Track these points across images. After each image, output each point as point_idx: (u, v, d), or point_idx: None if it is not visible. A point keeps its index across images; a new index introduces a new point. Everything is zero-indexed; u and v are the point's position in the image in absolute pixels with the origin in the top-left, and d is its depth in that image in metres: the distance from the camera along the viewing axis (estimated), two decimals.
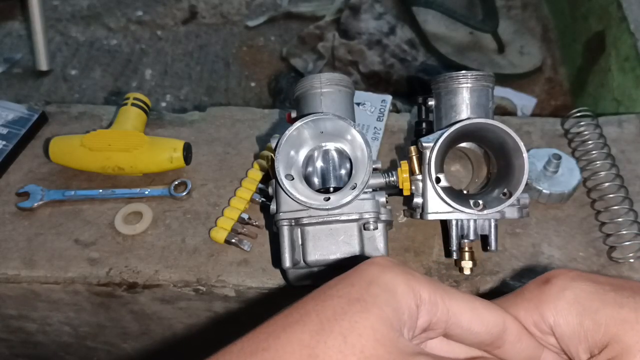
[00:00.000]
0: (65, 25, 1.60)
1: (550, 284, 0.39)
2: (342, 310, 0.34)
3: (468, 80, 0.58)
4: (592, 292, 0.38)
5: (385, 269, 0.36)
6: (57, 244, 0.66)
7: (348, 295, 0.35)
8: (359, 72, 1.39)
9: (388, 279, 0.35)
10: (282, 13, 1.59)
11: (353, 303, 0.34)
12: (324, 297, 0.35)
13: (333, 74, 0.58)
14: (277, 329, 0.34)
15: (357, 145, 0.55)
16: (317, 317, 0.34)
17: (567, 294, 0.38)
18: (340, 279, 0.37)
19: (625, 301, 0.37)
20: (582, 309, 0.37)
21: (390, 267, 0.36)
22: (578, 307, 0.38)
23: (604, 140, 0.71)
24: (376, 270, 0.36)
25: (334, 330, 0.33)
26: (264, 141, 0.75)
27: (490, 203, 0.56)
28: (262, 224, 0.67)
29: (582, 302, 0.38)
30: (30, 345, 0.78)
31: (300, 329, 0.33)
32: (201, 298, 0.64)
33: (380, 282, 0.35)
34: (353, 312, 0.33)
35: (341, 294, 0.35)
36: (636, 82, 0.94)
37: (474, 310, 0.36)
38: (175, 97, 1.42)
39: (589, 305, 0.38)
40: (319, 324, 0.33)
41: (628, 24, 0.98)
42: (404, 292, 0.35)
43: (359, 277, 0.36)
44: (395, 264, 0.37)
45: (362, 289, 0.35)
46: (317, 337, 0.33)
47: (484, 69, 1.33)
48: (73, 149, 0.70)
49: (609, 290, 0.38)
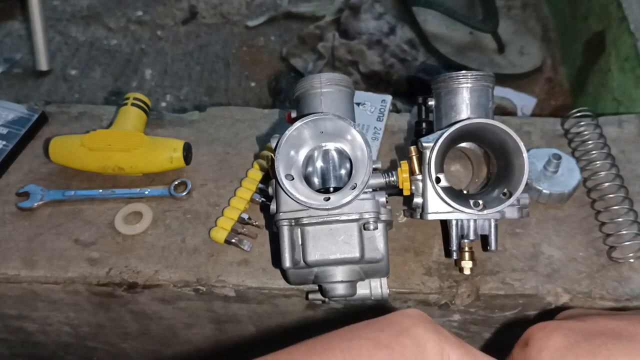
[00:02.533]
0: (65, 25, 1.60)
1: (529, 346, 0.43)
2: (369, 353, 0.34)
3: (468, 80, 0.58)
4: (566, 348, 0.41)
5: (418, 323, 0.37)
6: (57, 244, 0.66)
7: (376, 339, 0.35)
8: (359, 72, 1.39)
9: (420, 333, 0.36)
10: (282, 13, 1.59)
11: (380, 348, 0.34)
12: (351, 336, 0.35)
13: (333, 74, 0.58)
14: (298, 357, 0.34)
15: (357, 145, 0.55)
16: (341, 354, 0.33)
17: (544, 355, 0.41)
18: (370, 323, 0.37)
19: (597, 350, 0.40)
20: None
21: (423, 322, 0.37)
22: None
23: (604, 140, 0.71)
24: (409, 322, 0.36)
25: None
26: (264, 141, 0.75)
27: (490, 203, 0.56)
28: (262, 224, 0.67)
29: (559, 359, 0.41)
30: (30, 345, 0.78)
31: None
32: (201, 298, 0.64)
33: (411, 334, 0.35)
34: (378, 357, 0.33)
35: (369, 337, 0.35)
36: (636, 82, 0.94)
37: None
38: (175, 97, 1.42)
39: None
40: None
41: (628, 24, 0.98)
42: (433, 350, 0.35)
43: (389, 325, 0.36)
44: (428, 319, 0.38)
45: (392, 337, 0.35)
46: None
47: (484, 69, 1.33)
48: (73, 149, 0.70)
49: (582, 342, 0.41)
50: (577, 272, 0.62)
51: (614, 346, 0.40)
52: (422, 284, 0.61)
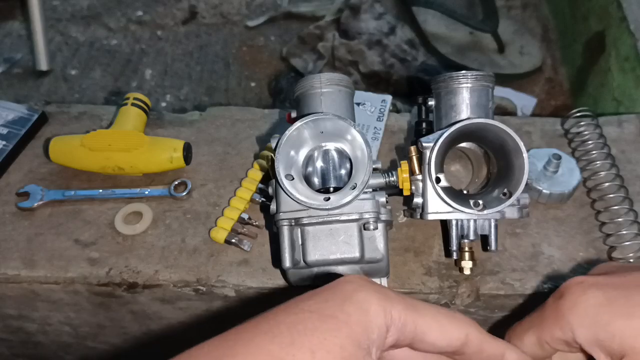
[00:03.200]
0: (65, 25, 1.60)
1: (563, 299, 0.42)
2: (313, 326, 0.34)
3: (468, 80, 0.58)
4: (602, 305, 0.40)
5: (360, 287, 0.37)
6: (57, 244, 0.66)
7: (321, 311, 0.35)
8: (359, 72, 1.39)
9: (362, 297, 0.36)
10: (282, 13, 1.59)
11: (325, 319, 0.35)
12: (297, 310, 0.36)
13: (333, 74, 0.58)
14: (245, 337, 0.34)
15: (357, 145, 0.55)
16: (287, 330, 0.34)
17: (579, 309, 0.40)
18: (314, 294, 0.37)
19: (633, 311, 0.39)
20: (594, 322, 0.40)
21: (365, 286, 0.37)
22: (589, 320, 0.40)
23: (604, 140, 0.71)
24: (351, 289, 0.37)
25: (304, 345, 0.33)
26: (264, 141, 0.75)
27: (490, 203, 0.56)
28: (262, 224, 0.67)
29: (593, 316, 0.40)
30: (30, 345, 0.78)
31: (270, 340, 0.34)
32: (201, 298, 0.64)
33: (354, 300, 0.36)
34: (324, 329, 0.34)
35: (313, 309, 0.35)
36: (636, 82, 0.94)
37: (440, 327, 0.38)
38: (175, 97, 1.42)
39: (599, 319, 0.39)
40: (289, 336, 0.34)
41: (628, 24, 0.98)
42: (376, 312, 0.36)
43: (332, 294, 0.37)
44: (369, 282, 0.38)
45: (336, 306, 0.36)
46: (286, 350, 0.33)
47: (484, 69, 1.33)
48: (73, 149, 0.70)
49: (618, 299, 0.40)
50: (577, 272, 0.62)
51: None
52: (422, 284, 0.61)
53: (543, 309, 0.44)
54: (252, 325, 0.35)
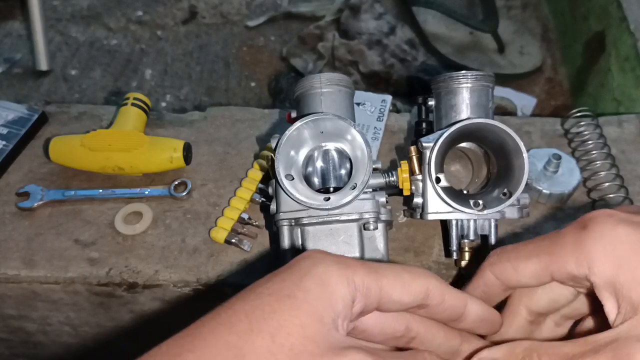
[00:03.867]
0: (65, 25, 1.60)
1: (587, 230, 0.36)
2: (272, 308, 0.33)
3: (468, 80, 0.58)
4: (634, 243, 0.34)
5: (317, 261, 0.36)
6: (57, 244, 0.66)
7: (279, 292, 0.34)
8: (359, 72, 1.39)
9: (320, 271, 0.35)
10: (282, 13, 1.59)
11: (283, 300, 0.33)
12: (254, 295, 0.35)
13: (333, 74, 0.58)
14: (204, 331, 0.34)
15: (357, 145, 0.55)
16: (245, 317, 0.33)
17: (605, 243, 0.35)
18: (272, 276, 0.36)
19: None
20: (620, 262, 0.34)
21: (322, 259, 0.36)
22: (615, 259, 0.34)
23: (604, 140, 0.71)
24: (308, 264, 0.36)
25: (263, 330, 0.32)
26: (264, 141, 0.75)
27: (490, 203, 0.56)
28: (262, 224, 0.67)
29: (620, 255, 0.34)
30: (30, 345, 0.78)
31: (228, 330, 0.33)
32: (201, 298, 0.64)
33: (312, 274, 0.35)
34: (282, 310, 0.33)
35: (271, 292, 0.34)
36: (636, 82, 0.94)
37: (403, 285, 0.37)
38: (175, 97, 1.42)
39: (628, 259, 0.34)
40: (247, 324, 0.33)
41: (628, 24, 0.98)
42: (337, 283, 0.34)
43: (290, 273, 0.36)
44: (327, 255, 0.37)
45: (293, 285, 0.34)
46: (245, 338, 0.32)
47: (484, 69, 1.33)
48: (73, 149, 0.70)
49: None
50: None
51: None
52: None
53: (558, 237, 0.38)
54: (210, 318, 0.35)
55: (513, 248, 0.41)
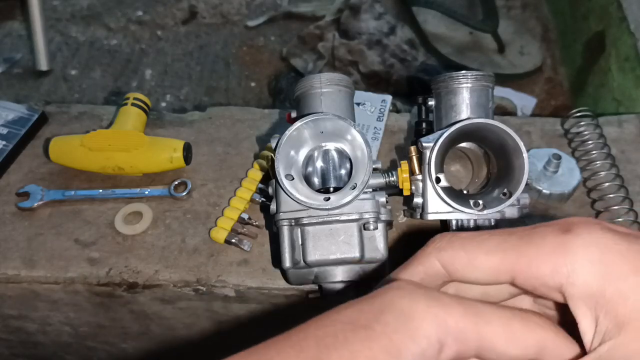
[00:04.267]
0: (65, 25, 1.60)
1: (572, 233, 0.32)
2: (344, 338, 0.30)
3: (468, 80, 0.58)
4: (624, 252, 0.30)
5: (404, 293, 0.32)
6: (57, 244, 0.66)
7: (355, 321, 0.31)
8: (359, 72, 1.39)
9: (405, 305, 0.31)
10: (282, 13, 1.59)
11: (358, 331, 0.30)
12: (328, 321, 0.32)
13: (333, 74, 0.58)
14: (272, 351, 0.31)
15: (357, 145, 0.55)
16: (315, 344, 0.31)
17: (592, 250, 0.31)
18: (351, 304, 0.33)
19: None
20: (607, 273, 0.30)
21: (410, 291, 0.32)
22: (602, 269, 0.30)
23: (604, 140, 0.71)
24: (393, 295, 0.32)
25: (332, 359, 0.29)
26: (264, 141, 0.75)
27: (490, 203, 0.56)
28: (262, 224, 0.67)
29: (609, 264, 0.30)
30: (30, 345, 0.78)
31: (295, 355, 0.30)
32: (201, 298, 0.64)
33: (395, 308, 0.31)
34: (356, 341, 0.30)
35: (347, 320, 0.31)
36: (636, 82, 0.94)
37: (511, 333, 0.31)
38: (175, 97, 1.42)
39: (617, 269, 0.30)
40: (316, 350, 0.30)
41: (628, 24, 0.98)
42: (423, 319, 0.30)
43: (371, 303, 0.32)
44: (416, 287, 0.32)
45: (372, 316, 0.31)
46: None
47: (484, 69, 1.33)
48: (73, 149, 0.70)
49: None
50: None
51: None
52: None
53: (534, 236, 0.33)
54: (282, 339, 0.32)
55: (471, 237, 0.35)
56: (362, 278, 0.56)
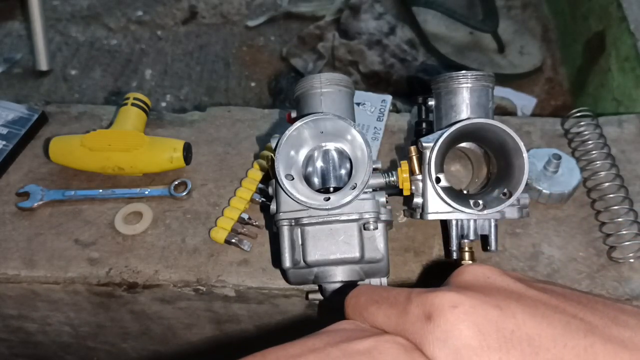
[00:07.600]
0: (65, 25, 1.60)
1: (432, 323, 0.33)
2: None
3: (468, 80, 0.58)
4: (477, 349, 0.32)
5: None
6: (57, 244, 0.66)
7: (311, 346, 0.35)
8: (359, 72, 1.39)
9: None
10: (282, 13, 1.59)
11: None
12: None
13: (333, 74, 0.58)
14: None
15: (357, 145, 0.55)
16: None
17: (449, 344, 0.32)
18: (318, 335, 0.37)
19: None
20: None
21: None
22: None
23: (604, 140, 0.71)
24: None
25: None
26: (264, 141, 0.75)
27: (490, 203, 0.56)
28: (262, 224, 0.67)
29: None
30: (30, 345, 0.78)
31: None
32: (201, 298, 0.64)
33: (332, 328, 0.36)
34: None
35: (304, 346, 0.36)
36: (636, 82, 0.94)
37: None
38: (175, 97, 1.42)
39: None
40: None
41: (628, 24, 0.98)
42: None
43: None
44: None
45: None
46: None
47: (484, 69, 1.33)
48: (73, 149, 0.70)
49: (496, 350, 0.31)
50: (577, 272, 0.62)
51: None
52: (422, 284, 0.61)
53: (405, 321, 0.35)
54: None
55: (382, 293, 0.39)
56: (362, 278, 0.56)
